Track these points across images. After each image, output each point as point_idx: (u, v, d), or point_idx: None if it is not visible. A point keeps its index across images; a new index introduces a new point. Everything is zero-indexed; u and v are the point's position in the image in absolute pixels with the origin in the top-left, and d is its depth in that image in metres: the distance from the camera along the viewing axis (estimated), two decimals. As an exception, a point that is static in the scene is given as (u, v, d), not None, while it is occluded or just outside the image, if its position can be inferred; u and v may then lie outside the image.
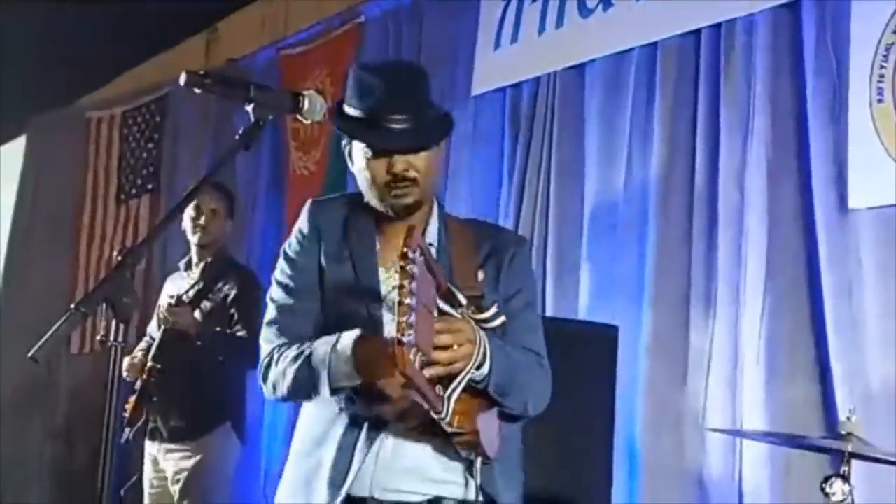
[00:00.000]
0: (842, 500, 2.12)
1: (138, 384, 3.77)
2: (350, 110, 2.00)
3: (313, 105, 1.87)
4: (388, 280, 2.00)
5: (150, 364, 3.75)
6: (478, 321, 1.89)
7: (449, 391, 1.81)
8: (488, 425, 1.92)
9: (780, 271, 3.03)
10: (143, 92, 6.49)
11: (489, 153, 4.11)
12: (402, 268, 1.68)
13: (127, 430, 3.74)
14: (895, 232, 2.78)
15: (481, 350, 1.83)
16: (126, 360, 3.76)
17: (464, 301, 1.92)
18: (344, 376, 1.87)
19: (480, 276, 2.02)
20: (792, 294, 3.00)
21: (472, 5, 4.23)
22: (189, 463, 3.82)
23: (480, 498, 1.92)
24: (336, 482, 1.93)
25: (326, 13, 5.25)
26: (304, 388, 1.96)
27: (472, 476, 1.92)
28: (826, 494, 2.13)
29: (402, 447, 1.94)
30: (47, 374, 6.10)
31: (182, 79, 1.78)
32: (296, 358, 1.97)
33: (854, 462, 2.19)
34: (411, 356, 1.66)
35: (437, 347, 1.77)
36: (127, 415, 3.71)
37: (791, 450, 2.76)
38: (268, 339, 2.08)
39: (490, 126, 4.13)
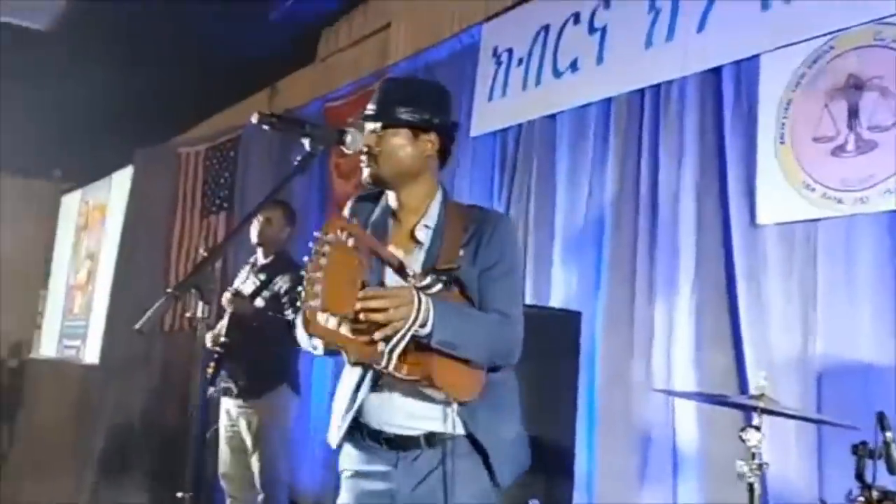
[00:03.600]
0: (755, 446, 2.08)
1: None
2: None
3: (354, 139, 1.85)
4: (395, 253, 1.92)
5: (222, 339, 3.71)
6: (419, 288, 1.77)
7: (389, 346, 1.71)
8: (451, 373, 1.78)
9: (704, 271, 3.00)
10: (221, 133, 6.47)
11: (484, 181, 4.07)
12: (314, 250, 1.62)
13: (211, 388, 3.70)
14: (792, 241, 2.75)
15: (422, 311, 1.71)
16: (209, 334, 3.72)
17: (411, 273, 1.82)
18: None
19: (461, 252, 1.88)
20: (714, 288, 2.96)
21: (472, 68, 4.20)
22: (257, 417, 3.74)
23: (460, 431, 1.82)
24: (347, 412, 1.93)
25: (360, 75, 5.24)
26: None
27: (446, 414, 1.81)
28: (743, 441, 2.09)
29: (393, 391, 1.87)
30: (147, 346, 6.08)
31: (254, 118, 1.75)
32: None
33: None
34: (318, 317, 1.60)
35: (372, 310, 1.68)
36: (209, 377, 3.68)
37: (712, 406, 2.73)
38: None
39: (484, 160, 4.08)
